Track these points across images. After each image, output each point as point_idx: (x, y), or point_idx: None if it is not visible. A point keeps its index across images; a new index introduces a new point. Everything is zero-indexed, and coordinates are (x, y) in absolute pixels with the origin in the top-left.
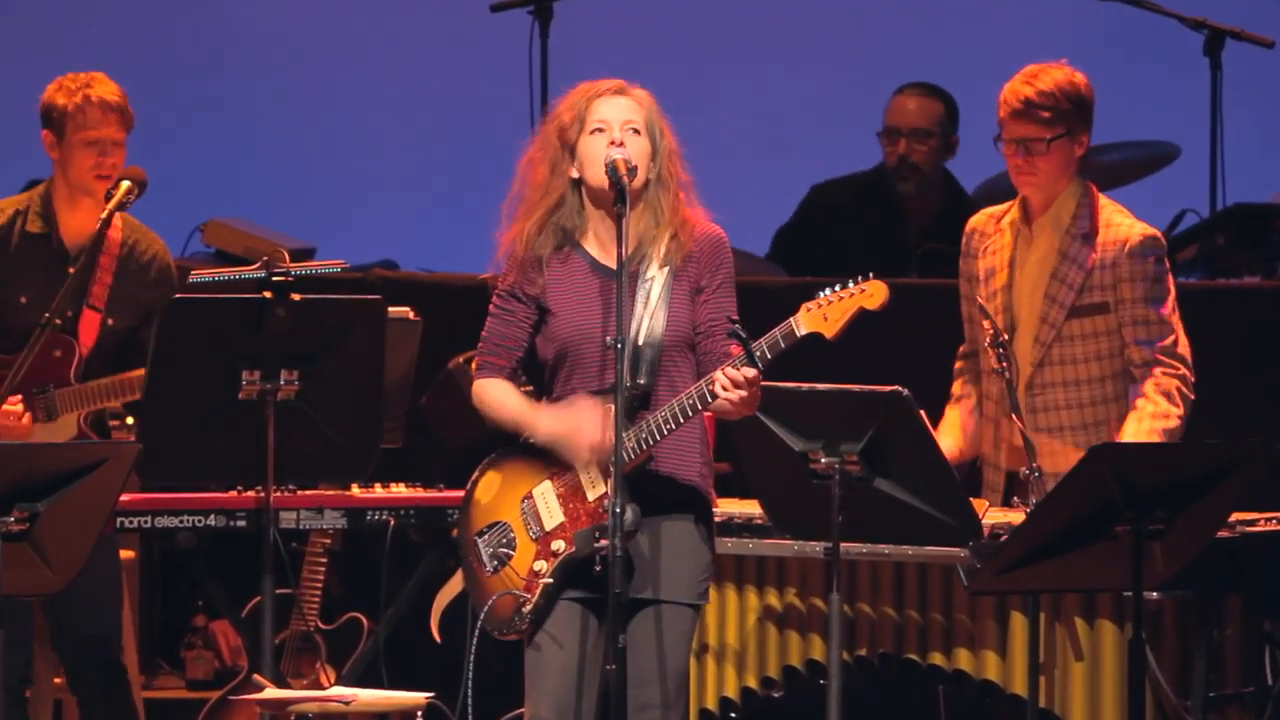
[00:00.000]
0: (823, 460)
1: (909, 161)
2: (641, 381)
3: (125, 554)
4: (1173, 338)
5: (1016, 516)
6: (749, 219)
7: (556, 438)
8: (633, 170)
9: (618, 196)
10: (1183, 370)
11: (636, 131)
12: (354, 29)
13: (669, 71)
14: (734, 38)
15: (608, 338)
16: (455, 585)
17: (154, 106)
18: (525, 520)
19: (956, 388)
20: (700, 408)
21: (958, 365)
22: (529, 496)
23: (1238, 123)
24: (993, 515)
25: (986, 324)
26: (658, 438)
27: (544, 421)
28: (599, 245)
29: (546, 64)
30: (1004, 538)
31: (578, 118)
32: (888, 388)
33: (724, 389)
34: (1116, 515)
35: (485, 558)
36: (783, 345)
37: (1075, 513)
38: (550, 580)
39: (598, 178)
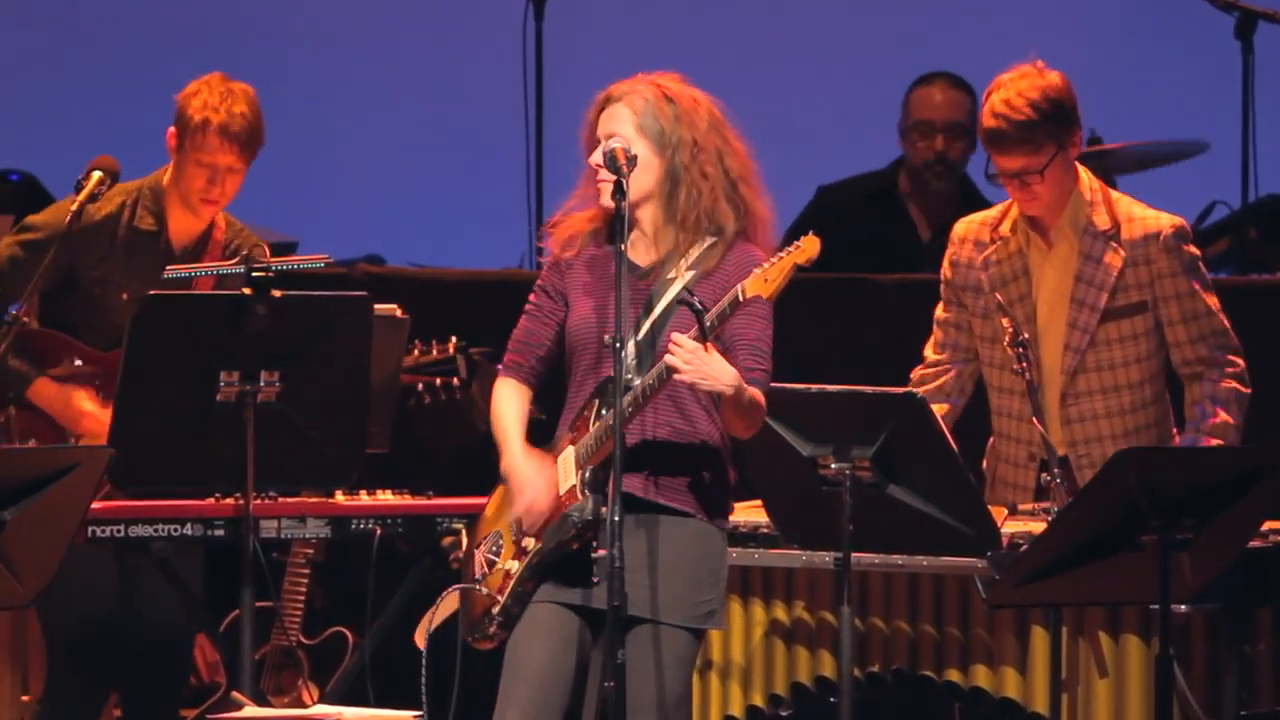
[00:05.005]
0: (833, 466)
1: (947, 158)
2: (629, 376)
3: None
4: (1224, 326)
5: (1037, 525)
6: None
7: (510, 476)
8: (632, 160)
9: (616, 188)
10: (1240, 367)
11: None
12: (341, 15)
13: (668, 61)
14: (736, 24)
15: (605, 336)
16: (450, 605)
17: (132, 96)
18: (513, 526)
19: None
20: (658, 385)
21: (915, 375)
22: None
23: (1271, 109)
24: (1012, 524)
25: (1006, 322)
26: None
27: (511, 456)
28: (629, 246)
29: (541, 52)
30: (1024, 547)
31: (591, 132)
32: (901, 389)
33: (671, 353)
34: (1143, 524)
35: (477, 567)
36: (730, 312)
37: (1099, 521)
38: (518, 579)
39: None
